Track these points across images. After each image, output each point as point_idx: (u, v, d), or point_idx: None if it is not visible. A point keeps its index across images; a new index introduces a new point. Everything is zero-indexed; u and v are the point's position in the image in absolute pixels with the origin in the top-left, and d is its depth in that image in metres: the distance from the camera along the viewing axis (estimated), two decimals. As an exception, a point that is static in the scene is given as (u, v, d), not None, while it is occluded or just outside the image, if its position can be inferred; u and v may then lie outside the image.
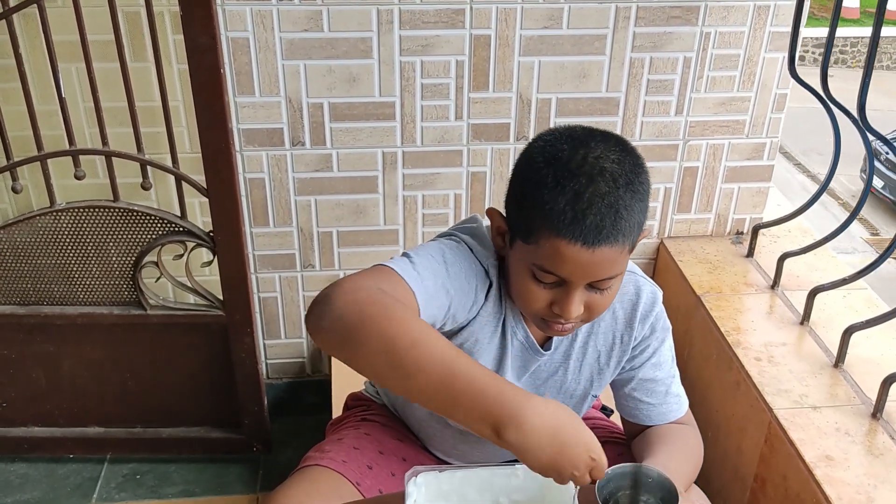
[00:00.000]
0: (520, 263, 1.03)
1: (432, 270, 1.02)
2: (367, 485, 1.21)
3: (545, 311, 1.04)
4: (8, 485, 1.91)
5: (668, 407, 1.22)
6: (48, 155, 1.64)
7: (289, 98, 1.74)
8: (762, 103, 1.87)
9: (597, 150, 0.97)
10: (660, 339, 1.20)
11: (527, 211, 0.99)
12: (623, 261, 1.00)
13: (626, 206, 0.95)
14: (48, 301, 1.80)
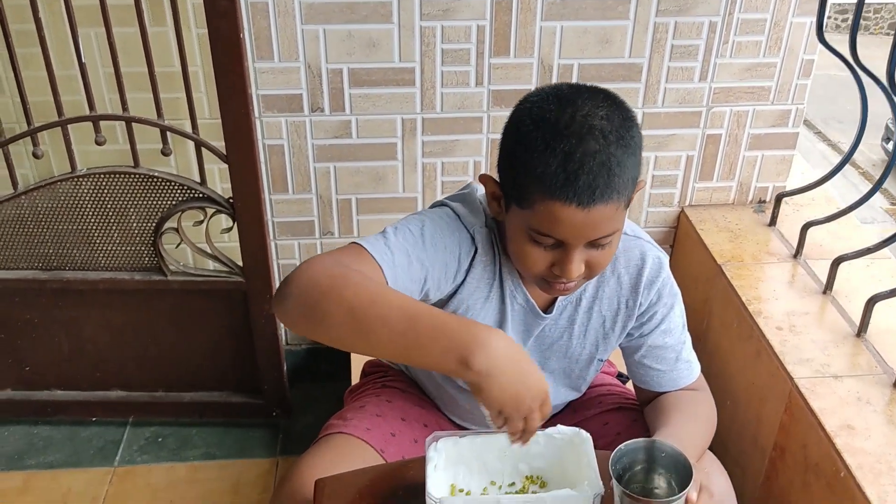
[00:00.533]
0: (517, 227, 1.03)
1: (406, 244, 1.03)
2: (391, 452, 1.22)
3: (546, 272, 1.04)
4: (32, 447, 1.95)
5: (678, 373, 1.22)
6: (68, 121, 1.64)
7: (308, 63, 1.73)
8: (788, 69, 1.84)
9: (584, 108, 0.95)
10: (668, 305, 1.20)
11: (519, 176, 0.99)
12: (620, 217, 1.00)
13: (618, 162, 0.95)
14: (70, 266, 1.81)
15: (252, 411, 2.01)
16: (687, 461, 0.96)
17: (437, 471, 1.04)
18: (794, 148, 1.96)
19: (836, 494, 1.31)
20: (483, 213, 1.12)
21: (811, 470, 1.39)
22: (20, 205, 1.73)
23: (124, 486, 1.85)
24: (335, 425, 1.24)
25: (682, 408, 1.18)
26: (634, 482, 1.00)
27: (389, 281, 1.00)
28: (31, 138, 1.66)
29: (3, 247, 1.78)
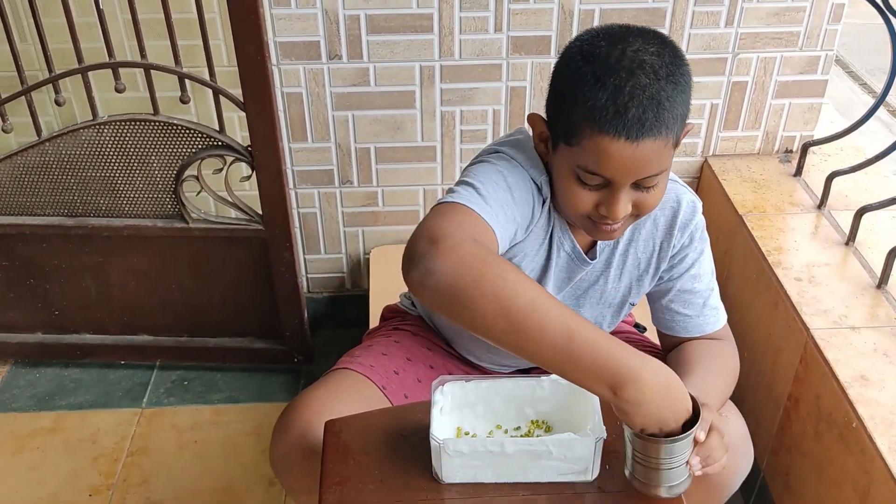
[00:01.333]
0: (564, 167, 1.02)
1: (501, 200, 1.00)
2: (393, 389, 1.24)
3: (593, 213, 1.03)
4: (63, 388, 2.01)
5: (704, 319, 1.21)
6: (88, 67, 1.65)
7: (325, 10, 1.71)
8: (818, 13, 1.78)
9: (635, 45, 0.95)
10: (698, 249, 1.19)
11: (568, 111, 0.98)
12: (668, 156, 0.99)
13: (668, 97, 0.94)
14: (95, 213, 1.85)
15: (274, 357, 2.05)
16: (694, 400, 0.96)
17: (443, 414, 1.06)
18: (822, 96, 1.91)
19: (848, 444, 1.30)
20: (541, 163, 1.09)
21: (824, 420, 1.38)
22: (45, 151, 1.76)
23: (151, 427, 1.91)
24: (343, 361, 1.28)
25: (706, 360, 1.18)
26: None
27: (500, 244, 0.98)
28: (52, 85, 1.68)
29: (30, 193, 1.82)
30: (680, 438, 0.92)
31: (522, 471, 1.01)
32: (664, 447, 0.92)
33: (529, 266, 1.15)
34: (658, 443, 0.92)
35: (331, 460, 1.07)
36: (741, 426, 1.20)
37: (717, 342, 1.23)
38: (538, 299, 0.87)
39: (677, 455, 0.93)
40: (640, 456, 0.95)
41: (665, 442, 0.92)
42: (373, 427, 1.11)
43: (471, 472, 1.01)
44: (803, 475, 1.47)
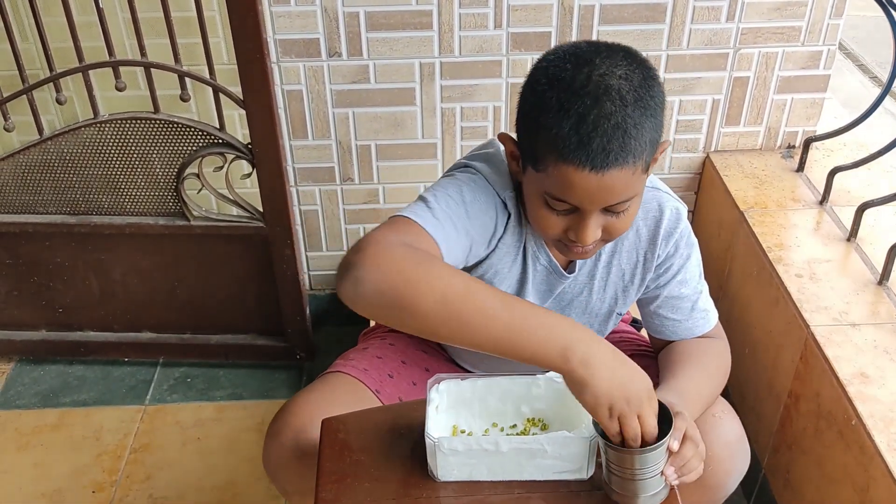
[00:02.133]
0: (532, 190, 1.01)
1: (451, 214, 1.00)
2: (387, 392, 1.24)
3: (562, 236, 1.03)
4: (66, 385, 2.03)
5: (693, 322, 1.21)
6: (89, 66, 1.66)
7: (324, 6, 1.71)
8: (820, 8, 1.77)
9: (601, 67, 0.92)
10: (684, 256, 1.18)
11: (533, 138, 0.96)
12: (638, 182, 0.97)
13: (634, 124, 0.91)
14: (97, 211, 1.85)
15: (276, 354, 2.05)
16: (667, 410, 0.96)
17: (439, 412, 1.06)
18: (825, 91, 1.90)
19: (847, 442, 1.30)
20: (509, 174, 1.09)
21: (824, 417, 1.38)
22: (46, 150, 1.77)
23: (154, 424, 1.92)
24: (337, 365, 1.28)
25: (691, 359, 1.17)
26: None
27: (445, 255, 0.97)
28: (53, 84, 1.69)
29: (33, 192, 1.83)
30: (651, 448, 0.92)
31: (518, 469, 1.01)
32: (637, 458, 0.92)
33: (505, 281, 1.15)
34: (631, 453, 0.92)
35: (327, 458, 1.07)
36: (737, 427, 1.19)
37: (707, 340, 1.22)
38: (470, 283, 0.88)
39: (650, 465, 0.93)
40: (615, 467, 0.95)
41: (637, 452, 0.92)
42: (369, 425, 1.11)
43: (466, 470, 1.02)
44: (804, 473, 1.47)
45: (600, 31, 1.77)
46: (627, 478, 0.94)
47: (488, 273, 1.13)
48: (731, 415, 1.20)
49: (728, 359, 1.23)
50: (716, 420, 1.15)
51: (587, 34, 1.77)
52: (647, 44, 1.79)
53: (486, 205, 1.05)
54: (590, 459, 1.00)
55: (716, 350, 1.21)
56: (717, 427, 1.14)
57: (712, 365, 1.19)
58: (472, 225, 1.03)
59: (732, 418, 1.20)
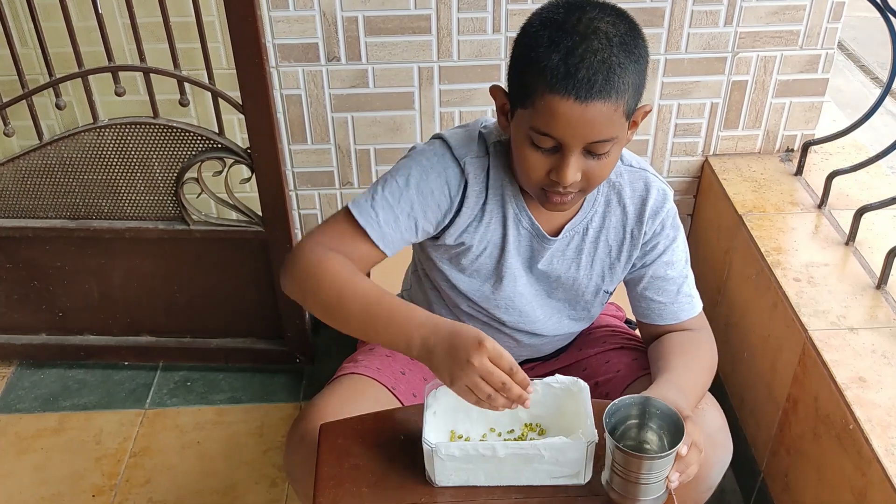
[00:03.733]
0: (519, 132, 1.05)
1: (392, 199, 1.13)
2: (402, 389, 1.26)
3: (544, 179, 1.06)
4: (67, 389, 2.03)
5: (679, 306, 1.23)
6: (88, 72, 1.66)
7: (323, 11, 1.72)
8: (818, 12, 1.77)
9: (591, 13, 0.99)
10: (670, 237, 1.21)
11: (523, 73, 1.02)
12: (618, 123, 1.01)
13: (619, 63, 0.97)
14: (97, 215, 1.86)
15: (276, 357, 2.06)
16: (679, 419, 0.96)
17: (437, 417, 1.06)
18: (823, 94, 1.90)
19: (845, 446, 1.30)
20: (479, 142, 1.15)
21: (822, 422, 1.38)
22: (46, 155, 1.77)
23: (154, 428, 1.92)
24: (347, 367, 1.29)
25: (684, 352, 1.19)
26: (628, 437, 1.01)
27: (376, 240, 1.13)
28: (53, 89, 1.69)
29: (33, 196, 1.83)
30: (663, 455, 0.93)
31: (515, 474, 1.02)
32: (645, 462, 0.93)
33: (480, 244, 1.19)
34: (639, 458, 0.93)
35: (325, 463, 1.08)
36: (719, 418, 1.20)
37: (694, 334, 1.24)
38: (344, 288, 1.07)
39: (657, 471, 0.94)
40: (620, 469, 0.95)
41: (647, 458, 0.93)
42: (367, 430, 1.12)
43: (463, 476, 1.02)
44: (802, 476, 1.47)
45: (599, 35, 1.77)
46: (632, 481, 0.95)
47: (456, 236, 1.18)
48: (713, 406, 1.22)
49: (715, 353, 1.25)
50: (697, 411, 1.16)
51: (585, 38, 1.77)
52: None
53: (436, 179, 1.13)
54: (587, 464, 1.01)
55: (707, 344, 1.24)
56: (699, 418, 1.14)
57: (705, 358, 1.21)
58: (416, 203, 1.13)
59: (715, 409, 1.21)
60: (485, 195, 1.16)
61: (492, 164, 1.15)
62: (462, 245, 1.19)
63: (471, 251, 1.20)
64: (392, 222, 1.13)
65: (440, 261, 1.24)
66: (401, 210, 1.13)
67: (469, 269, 1.23)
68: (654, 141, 1.93)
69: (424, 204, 1.14)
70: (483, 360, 0.95)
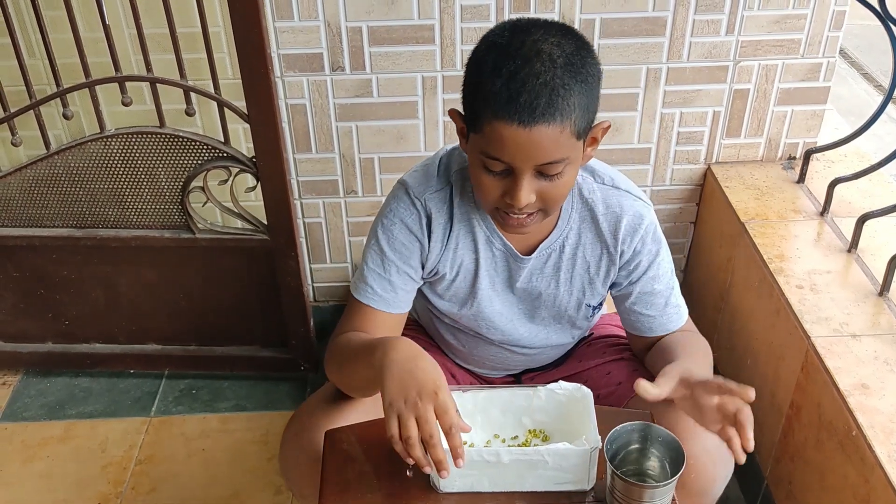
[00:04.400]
0: (473, 156, 1.07)
1: (379, 269, 1.19)
2: None
3: (499, 202, 1.07)
4: (73, 397, 2.04)
5: (667, 318, 1.25)
6: (95, 82, 1.68)
7: (327, 22, 1.73)
8: (819, 21, 1.78)
9: (536, 35, 0.99)
10: (652, 252, 1.22)
11: (472, 99, 1.03)
12: (567, 145, 1.01)
13: (563, 84, 0.97)
14: (103, 224, 1.87)
15: (280, 365, 2.06)
16: (680, 446, 0.97)
17: (441, 423, 1.07)
18: (825, 102, 1.91)
19: (848, 453, 1.30)
20: (438, 175, 1.18)
21: (825, 428, 1.38)
22: (53, 164, 1.79)
23: (159, 436, 1.93)
24: None
25: (684, 347, 1.20)
26: (629, 462, 1.02)
27: (384, 309, 1.20)
28: (60, 99, 1.71)
29: (40, 205, 1.85)
30: (664, 484, 0.93)
31: (519, 480, 1.02)
32: (647, 491, 0.93)
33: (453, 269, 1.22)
34: (642, 487, 0.93)
35: (331, 469, 1.08)
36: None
37: (689, 333, 1.26)
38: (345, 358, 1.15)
39: (658, 499, 0.94)
40: (620, 496, 0.95)
41: (649, 487, 0.93)
42: (372, 436, 1.12)
43: (468, 482, 1.03)
44: (806, 483, 1.47)
45: (601, 44, 1.79)
46: None
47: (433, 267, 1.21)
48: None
49: (709, 347, 1.26)
50: (696, 428, 1.15)
51: (588, 47, 1.79)
52: (647, 57, 1.81)
53: (402, 233, 1.18)
54: (590, 471, 1.01)
55: (702, 343, 1.25)
56: (699, 434, 1.14)
57: (702, 351, 1.23)
58: (399, 260, 1.19)
59: None
60: (450, 224, 1.19)
61: (456, 193, 1.18)
62: (435, 274, 1.23)
63: (444, 278, 1.23)
64: (389, 288, 1.19)
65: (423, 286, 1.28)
66: (390, 274, 1.19)
67: (446, 295, 1.26)
68: (656, 149, 1.94)
69: (404, 258, 1.19)
70: (427, 407, 0.95)
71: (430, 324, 1.40)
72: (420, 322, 1.45)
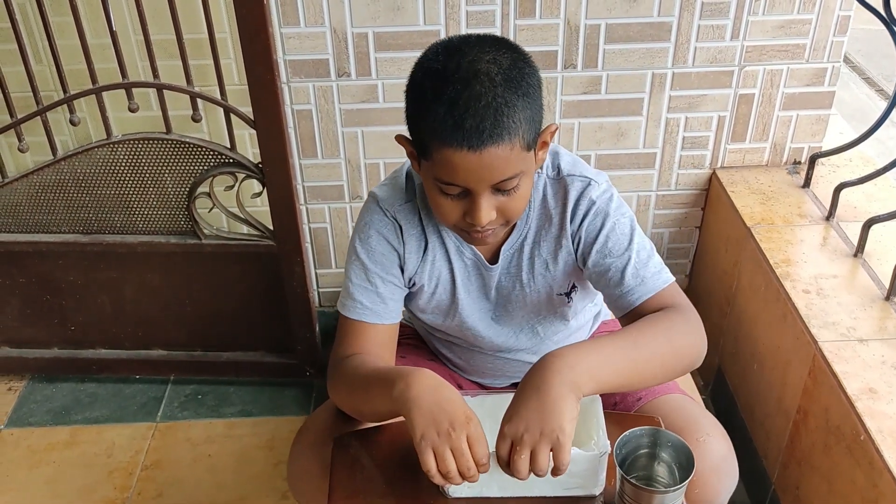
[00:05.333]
0: (427, 181, 1.06)
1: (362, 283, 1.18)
2: None
3: (461, 222, 1.07)
4: (78, 403, 2.04)
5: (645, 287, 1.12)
6: (102, 88, 1.68)
7: (333, 28, 1.74)
8: (824, 26, 1.79)
9: (470, 55, 0.97)
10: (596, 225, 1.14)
11: (417, 128, 1.02)
12: (520, 159, 1.00)
13: (506, 102, 0.96)
14: (109, 230, 1.87)
15: (286, 371, 2.06)
16: (690, 452, 0.97)
17: (449, 428, 1.07)
18: (830, 107, 1.91)
19: (856, 458, 1.30)
20: (404, 188, 1.18)
21: (832, 433, 1.38)
22: (60, 170, 1.79)
23: (165, 441, 1.93)
24: None
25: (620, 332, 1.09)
26: (638, 467, 1.02)
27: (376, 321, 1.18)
28: (67, 106, 1.71)
29: (46, 211, 1.85)
30: (674, 489, 0.93)
31: (527, 485, 1.02)
32: (657, 497, 0.93)
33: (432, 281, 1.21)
34: (650, 492, 0.93)
35: (339, 474, 1.08)
36: (723, 447, 1.18)
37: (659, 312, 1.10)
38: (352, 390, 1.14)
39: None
40: (631, 502, 0.95)
41: (659, 492, 0.93)
42: (381, 441, 1.13)
43: (477, 487, 1.02)
44: (813, 488, 1.47)
45: (606, 49, 1.79)
46: None
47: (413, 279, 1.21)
48: (716, 435, 1.19)
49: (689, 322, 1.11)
50: (700, 444, 1.15)
51: (593, 53, 1.79)
52: (652, 62, 1.81)
53: (377, 244, 1.18)
54: (599, 476, 1.01)
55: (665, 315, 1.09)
56: (702, 450, 1.14)
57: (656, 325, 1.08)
58: (381, 271, 1.18)
59: (718, 438, 1.19)
60: (423, 235, 1.19)
61: (422, 206, 1.17)
62: (414, 285, 1.22)
63: (423, 291, 1.23)
64: (378, 300, 1.18)
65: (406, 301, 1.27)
66: (376, 286, 1.18)
67: (428, 308, 1.26)
68: (661, 154, 1.95)
69: (386, 268, 1.18)
70: (461, 438, 0.94)
71: (428, 340, 1.41)
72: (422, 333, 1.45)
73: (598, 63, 1.81)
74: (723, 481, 1.18)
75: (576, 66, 1.81)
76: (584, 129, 1.90)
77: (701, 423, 1.20)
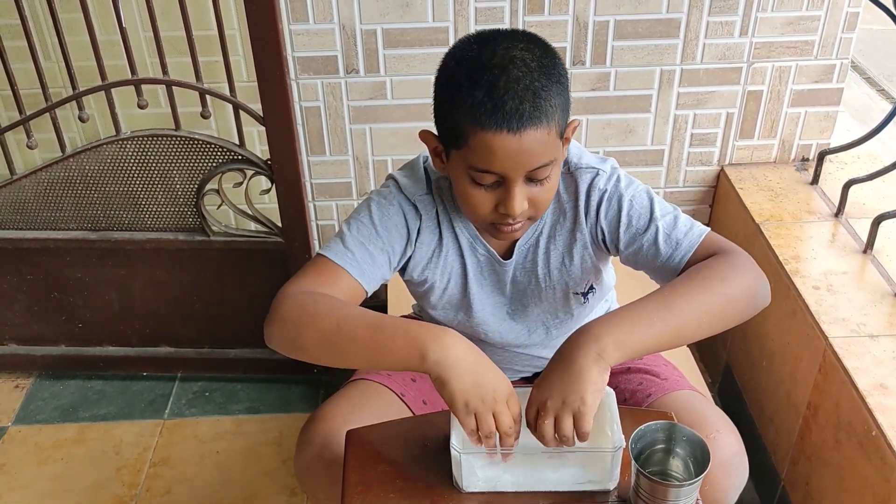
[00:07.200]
0: (458, 172, 1.05)
1: (362, 237, 1.13)
2: (411, 395, 1.27)
3: (492, 215, 1.06)
4: (86, 400, 2.04)
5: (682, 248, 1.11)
6: (111, 84, 1.69)
7: (342, 25, 1.74)
8: (832, 22, 1.79)
9: (504, 43, 0.99)
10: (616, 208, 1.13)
11: (450, 116, 1.01)
12: (553, 146, 1.01)
13: (542, 86, 0.97)
14: (118, 227, 1.88)
15: (293, 368, 2.05)
16: (706, 446, 0.97)
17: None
18: (838, 104, 1.91)
19: (867, 453, 1.30)
20: (425, 179, 1.17)
21: (843, 429, 1.38)
22: (68, 167, 1.79)
23: (173, 438, 1.93)
24: (359, 373, 1.30)
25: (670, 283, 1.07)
26: (653, 462, 1.01)
27: (357, 276, 1.11)
28: (76, 102, 1.72)
29: (54, 208, 1.85)
30: (690, 483, 0.93)
31: (542, 480, 1.02)
32: (672, 490, 0.93)
33: (442, 276, 1.20)
34: (667, 486, 0.93)
35: (353, 469, 1.08)
36: (734, 443, 1.18)
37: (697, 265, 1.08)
38: (342, 316, 1.03)
39: (683, 498, 0.94)
40: (646, 495, 0.95)
41: (674, 486, 0.93)
42: (394, 436, 1.12)
43: (491, 482, 1.02)
44: (823, 484, 1.47)
45: (615, 45, 1.79)
46: None
47: (416, 271, 1.19)
48: (726, 432, 1.18)
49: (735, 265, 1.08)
50: (710, 440, 1.14)
51: (602, 49, 1.79)
52: (661, 58, 1.81)
53: (395, 217, 1.15)
54: (614, 470, 1.01)
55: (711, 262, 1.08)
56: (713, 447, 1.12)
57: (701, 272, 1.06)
58: (383, 240, 1.14)
59: (728, 435, 1.18)
60: (438, 229, 1.18)
61: (439, 199, 1.17)
62: (426, 282, 1.22)
63: (435, 287, 1.22)
64: (368, 259, 1.13)
65: (415, 295, 1.27)
66: (374, 247, 1.14)
67: (440, 304, 1.25)
68: (669, 151, 1.95)
69: (391, 238, 1.16)
70: (504, 409, 0.96)
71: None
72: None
73: (606, 60, 1.81)
74: (733, 478, 1.17)
75: (584, 63, 1.81)
76: (592, 125, 1.91)
77: (711, 419, 1.20)
